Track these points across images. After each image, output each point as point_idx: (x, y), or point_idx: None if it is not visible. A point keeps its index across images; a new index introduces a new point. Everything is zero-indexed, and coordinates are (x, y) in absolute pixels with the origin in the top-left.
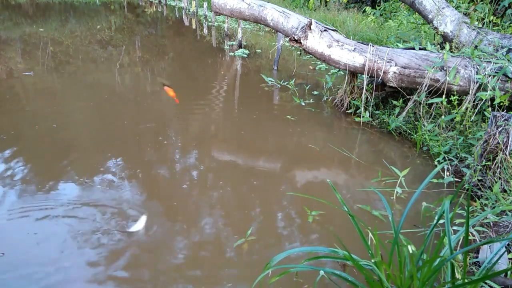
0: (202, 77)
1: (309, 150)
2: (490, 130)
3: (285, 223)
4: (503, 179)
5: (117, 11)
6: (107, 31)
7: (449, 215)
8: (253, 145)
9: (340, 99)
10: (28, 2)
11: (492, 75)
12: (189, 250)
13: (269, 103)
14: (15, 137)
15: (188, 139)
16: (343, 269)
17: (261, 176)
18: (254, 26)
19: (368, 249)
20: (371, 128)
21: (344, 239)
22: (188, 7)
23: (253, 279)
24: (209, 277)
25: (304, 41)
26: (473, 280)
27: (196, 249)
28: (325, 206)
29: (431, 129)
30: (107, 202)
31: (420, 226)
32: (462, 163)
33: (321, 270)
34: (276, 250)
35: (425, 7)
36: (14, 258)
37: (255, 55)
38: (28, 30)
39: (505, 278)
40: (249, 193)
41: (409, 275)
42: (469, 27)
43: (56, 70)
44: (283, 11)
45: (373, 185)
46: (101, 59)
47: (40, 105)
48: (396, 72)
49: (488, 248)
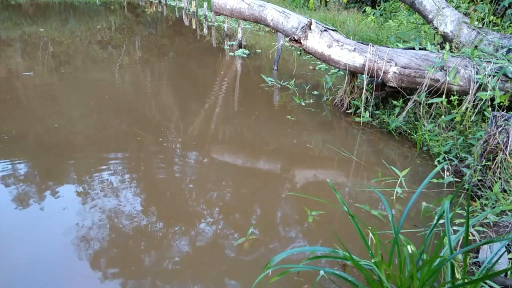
0: (202, 77)
1: (309, 150)
2: (490, 130)
3: (286, 222)
4: (503, 179)
5: (117, 11)
6: (107, 31)
7: (449, 215)
8: (253, 145)
9: (340, 99)
10: (28, 2)
11: (492, 75)
12: (190, 248)
13: (269, 103)
14: (16, 137)
15: (188, 139)
16: (343, 269)
17: (261, 176)
18: (254, 26)
19: (368, 249)
20: (371, 128)
21: (344, 239)
22: (188, 7)
23: (253, 278)
24: (209, 276)
25: (304, 41)
26: (473, 280)
27: (196, 248)
28: (325, 206)
29: (431, 129)
30: (107, 202)
31: (420, 226)
32: (462, 163)
33: (321, 270)
34: (276, 249)
35: (425, 7)
36: (14, 256)
37: (255, 55)
38: (28, 30)
39: (505, 278)
40: (249, 193)
41: (409, 275)
42: (469, 27)
43: (56, 70)
44: (283, 11)
45: (373, 185)
46: (101, 59)
47: (41, 105)
48: (396, 72)
49: (488, 248)
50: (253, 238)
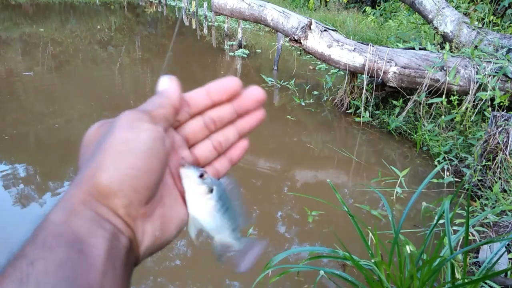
0: (202, 77)
1: (309, 150)
2: (490, 130)
3: (285, 222)
4: (503, 179)
5: (117, 11)
6: (107, 31)
7: (449, 215)
8: (253, 145)
9: (340, 99)
10: (28, 2)
11: (492, 75)
12: (189, 248)
13: (269, 103)
14: (17, 137)
15: None
16: (343, 269)
17: (261, 176)
18: (254, 26)
19: (368, 249)
20: (371, 128)
21: (344, 239)
22: (188, 7)
23: (253, 278)
24: (209, 276)
25: (304, 41)
26: (473, 280)
27: (195, 247)
28: (325, 206)
29: (431, 129)
30: None
31: (420, 226)
32: (462, 163)
33: (321, 270)
34: (276, 249)
35: (425, 7)
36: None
37: (255, 55)
38: (28, 30)
39: (505, 278)
40: (249, 193)
41: (409, 275)
42: (469, 27)
43: (56, 70)
44: (283, 11)
45: (373, 185)
46: (101, 59)
47: (41, 105)
48: (396, 72)
49: (488, 248)
50: (253, 238)
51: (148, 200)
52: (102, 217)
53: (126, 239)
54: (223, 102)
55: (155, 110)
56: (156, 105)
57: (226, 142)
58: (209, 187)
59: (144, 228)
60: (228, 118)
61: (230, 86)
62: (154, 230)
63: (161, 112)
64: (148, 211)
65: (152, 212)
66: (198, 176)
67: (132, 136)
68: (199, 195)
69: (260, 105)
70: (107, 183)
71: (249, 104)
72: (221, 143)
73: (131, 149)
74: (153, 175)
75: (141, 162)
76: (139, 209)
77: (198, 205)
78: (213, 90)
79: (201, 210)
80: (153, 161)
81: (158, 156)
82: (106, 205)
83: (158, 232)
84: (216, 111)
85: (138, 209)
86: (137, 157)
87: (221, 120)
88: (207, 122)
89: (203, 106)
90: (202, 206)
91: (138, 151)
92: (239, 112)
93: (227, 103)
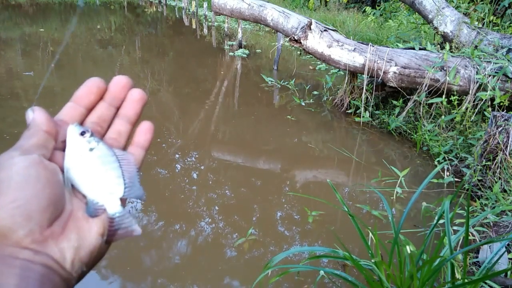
0: (202, 77)
1: (309, 150)
2: (490, 130)
3: (285, 223)
4: (503, 179)
5: (117, 11)
6: (107, 31)
7: (449, 215)
8: (253, 145)
9: (340, 99)
10: (28, 2)
11: (492, 75)
12: (189, 248)
13: (269, 103)
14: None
15: (187, 138)
16: (343, 269)
17: (261, 176)
18: (254, 26)
19: (368, 249)
20: (371, 128)
21: (344, 239)
22: (188, 7)
23: (253, 278)
24: (209, 276)
25: (304, 41)
26: (473, 280)
27: (196, 248)
28: (325, 206)
29: (431, 129)
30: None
31: (420, 226)
32: (462, 163)
33: (321, 270)
34: (276, 249)
35: (425, 7)
36: None
37: (255, 55)
38: (28, 30)
39: (505, 278)
40: (249, 193)
41: (409, 275)
42: (469, 27)
43: (57, 70)
44: (283, 11)
45: (373, 185)
46: (101, 59)
47: (41, 105)
48: (396, 72)
49: (488, 248)
50: (253, 238)
51: (51, 221)
52: (8, 256)
53: (39, 266)
54: (95, 103)
55: (26, 142)
56: (27, 137)
57: (121, 135)
58: (90, 145)
59: (60, 246)
60: (108, 114)
61: (92, 86)
62: (71, 243)
63: (33, 141)
64: (57, 229)
65: (63, 229)
66: (79, 133)
67: (5, 174)
68: (76, 149)
69: (129, 88)
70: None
71: (118, 92)
72: (116, 138)
73: (8, 185)
74: (42, 198)
75: (22, 192)
76: (44, 232)
77: (74, 158)
78: (79, 97)
79: (76, 164)
80: (35, 185)
81: (39, 179)
82: (9, 244)
83: (77, 243)
84: (93, 113)
85: (43, 232)
86: (16, 189)
87: (103, 119)
88: (91, 127)
89: (79, 116)
90: (77, 160)
91: (14, 183)
92: (115, 104)
93: (100, 101)
